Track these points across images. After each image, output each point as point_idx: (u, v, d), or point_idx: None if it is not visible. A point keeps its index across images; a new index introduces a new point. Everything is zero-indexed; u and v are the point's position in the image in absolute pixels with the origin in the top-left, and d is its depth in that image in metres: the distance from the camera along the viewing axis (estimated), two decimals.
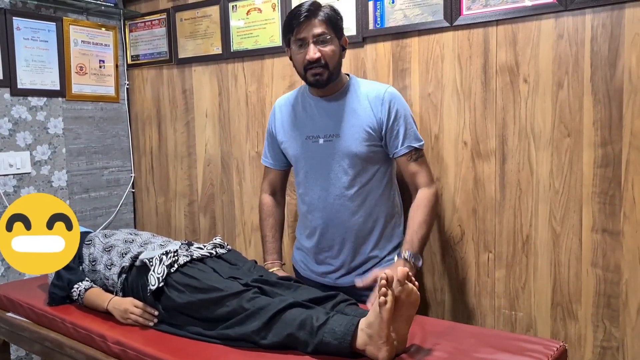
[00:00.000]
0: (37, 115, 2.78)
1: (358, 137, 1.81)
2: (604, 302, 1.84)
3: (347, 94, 1.86)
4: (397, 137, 1.81)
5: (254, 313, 1.53)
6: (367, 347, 1.38)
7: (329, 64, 1.77)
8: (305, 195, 1.94)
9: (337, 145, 1.83)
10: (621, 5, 1.74)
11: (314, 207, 1.92)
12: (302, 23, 1.75)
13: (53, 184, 2.86)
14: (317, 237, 1.93)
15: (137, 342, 1.64)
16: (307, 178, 1.92)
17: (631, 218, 1.77)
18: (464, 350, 1.46)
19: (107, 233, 2.12)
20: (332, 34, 1.77)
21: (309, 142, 1.89)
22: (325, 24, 1.75)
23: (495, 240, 2.04)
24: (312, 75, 1.78)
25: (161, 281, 1.72)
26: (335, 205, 1.86)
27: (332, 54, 1.77)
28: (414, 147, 1.83)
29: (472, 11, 2.00)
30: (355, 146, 1.81)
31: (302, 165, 1.93)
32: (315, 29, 1.74)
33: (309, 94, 1.92)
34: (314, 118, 1.89)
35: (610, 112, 1.78)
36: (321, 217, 1.90)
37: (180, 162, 3.02)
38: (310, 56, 1.74)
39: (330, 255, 1.93)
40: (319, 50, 1.74)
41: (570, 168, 1.86)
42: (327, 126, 1.85)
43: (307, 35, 1.75)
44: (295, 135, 1.93)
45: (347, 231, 1.88)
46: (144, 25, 3.07)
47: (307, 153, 1.90)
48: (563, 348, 1.48)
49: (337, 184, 1.85)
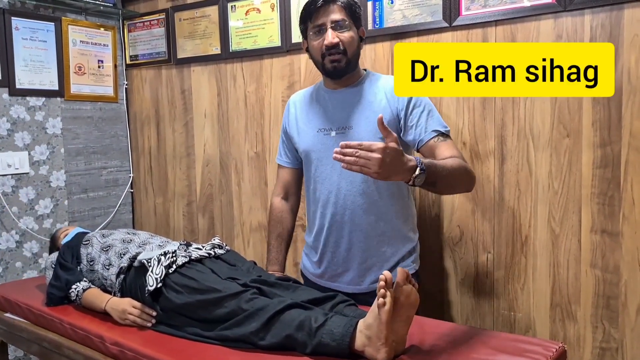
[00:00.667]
0: (35, 115, 2.78)
1: (372, 130, 1.68)
2: (603, 303, 1.84)
3: (362, 86, 1.78)
4: (419, 124, 1.69)
5: (253, 314, 1.53)
6: (366, 348, 1.38)
7: (348, 51, 1.70)
8: (316, 190, 1.84)
9: (351, 138, 1.70)
10: (620, 6, 1.74)
11: (324, 203, 1.81)
12: (320, 8, 1.69)
13: (51, 184, 2.86)
14: (324, 236, 1.83)
15: (135, 343, 1.63)
16: (318, 172, 1.82)
17: (630, 219, 1.77)
18: (462, 351, 1.46)
19: (105, 233, 2.12)
20: (350, 21, 1.71)
21: (321, 135, 1.80)
22: (344, 10, 1.69)
23: (494, 241, 2.03)
24: (330, 62, 1.71)
25: (159, 282, 1.71)
26: (346, 202, 1.76)
27: (351, 40, 1.70)
28: (440, 132, 1.68)
29: (471, 11, 2.00)
30: (369, 139, 1.62)
31: (313, 158, 1.83)
32: (334, 14, 1.68)
33: (324, 87, 1.85)
34: (327, 110, 1.81)
35: (610, 113, 1.78)
36: (331, 214, 1.80)
37: (178, 163, 3.01)
38: (329, 41, 1.68)
39: (338, 256, 1.82)
40: (337, 35, 1.68)
41: (569, 169, 1.86)
42: (340, 118, 1.77)
43: (326, 21, 1.69)
44: (307, 129, 1.84)
45: (357, 230, 1.77)
46: (142, 26, 3.07)
47: (318, 146, 1.80)
48: (562, 349, 1.48)
49: (348, 179, 1.75)
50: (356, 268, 1.80)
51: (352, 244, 1.79)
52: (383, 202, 1.76)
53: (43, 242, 2.81)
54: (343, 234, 1.79)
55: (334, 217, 1.79)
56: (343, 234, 1.79)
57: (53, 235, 2.42)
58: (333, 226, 1.81)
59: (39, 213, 2.81)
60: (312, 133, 1.82)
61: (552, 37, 1.86)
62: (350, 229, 1.78)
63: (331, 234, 1.82)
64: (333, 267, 1.84)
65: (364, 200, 1.75)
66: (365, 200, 1.75)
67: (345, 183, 1.76)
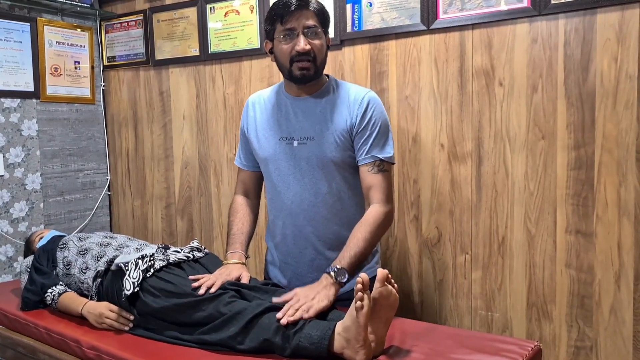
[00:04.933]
0: (10, 117, 2.73)
1: (333, 142, 1.68)
2: (577, 302, 1.87)
3: (325, 95, 1.73)
4: (364, 144, 1.67)
5: (231, 318, 1.52)
6: (345, 350, 1.38)
7: (317, 58, 1.65)
8: (276, 200, 1.79)
9: (312, 149, 1.70)
10: (593, 11, 1.78)
11: (285, 213, 1.77)
12: (294, 12, 1.62)
13: (27, 187, 2.81)
14: (287, 246, 1.79)
15: (112, 347, 1.61)
16: (279, 182, 1.77)
17: (603, 219, 1.80)
18: (440, 351, 1.47)
19: (81, 236, 2.09)
20: (321, 28, 1.67)
21: (282, 144, 1.74)
22: (317, 17, 1.64)
23: (471, 242, 2.06)
24: (299, 69, 1.65)
25: (136, 286, 1.69)
26: (309, 212, 1.73)
27: (321, 48, 1.66)
28: (378, 158, 1.66)
29: (449, 15, 2.02)
30: (330, 151, 1.68)
31: (274, 168, 1.77)
32: (307, 20, 1.62)
33: (285, 92, 1.78)
34: (289, 118, 1.75)
35: (583, 115, 1.81)
36: (292, 224, 1.76)
37: (157, 165, 2.99)
38: (301, 47, 1.61)
39: (303, 266, 1.78)
40: (308, 42, 1.63)
41: (545, 170, 1.89)
42: (303, 128, 1.72)
43: (297, 25, 1.62)
44: (268, 136, 1.77)
45: (320, 240, 1.75)
46: (120, 27, 3.04)
47: (280, 155, 1.75)
48: (538, 348, 1.50)
49: (311, 190, 1.72)
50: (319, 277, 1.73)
51: (317, 253, 1.76)
52: (346, 212, 1.74)
53: (18, 245, 2.77)
54: (307, 244, 1.76)
55: (297, 227, 1.76)
56: (307, 244, 1.76)
57: (28, 239, 2.37)
58: (297, 237, 1.77)
59: (14, 216, 2.76)
60: (274, 141, 1.76)
61: (528, 41, 1.89)
62: (314, 240, 1.75)
63: (294, 245, 1.78)
64: (299, 277, 1.80)
65: (327, 210, 1.73)
66: (328, 210, 1.73)
67: (309, 194, 1.72)
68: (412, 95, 2.12)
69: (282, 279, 1.84)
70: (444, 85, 2.05)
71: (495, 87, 1.96)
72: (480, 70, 1.98)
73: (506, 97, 1.94)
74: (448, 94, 2.05)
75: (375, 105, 1.69)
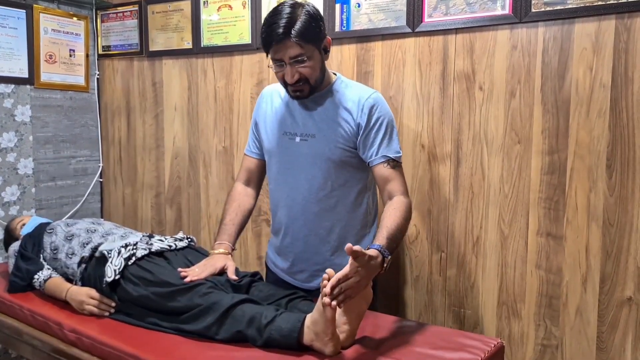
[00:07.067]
0: (4, 102, 2.78)
1: (334, 141, 1.75)
2: (545, 302, 1.93)
3: (330, 95, 1.78)
4: (372, 145, 1.73)
5: (207, 309, 1.58)
6: (314, 342, 1.44)
7: (310, 80, 1.69)
8: (275, 191, 1.90)
9: (313, 146, 1.77)
10: (571, 20, 1.83)
11: (282, 204, 1.87)
12: (277, 45, 1.63)
13: (19, 171, 2.86)
14: (281, 235, 1.89)
15: (92, 331, 1.68)
16: (279, 174, 1.86)
17: (573, 223, 1.86)
18: (406, 344, 1.54)
19: (69, 222, 2.14)
20: (309, 49, 1.65)
21: (286, 139, 1.82)
22: (300, 43, 1.61)
23: (447, 240, 2.11)
24: (293, 92, 1.72)
25: (117, 273, 1.75)
26: (302, 206, 1.81)
27: (311, 71, 1.67)
28: (389, 157, 1.72)
29: (433, 19, 2.06)
30: (329, 149, 1.75)
31: (276, 160, 1.87)
32: (291, 50, 1.62)
33: None
34: (294, 115, 1.82)
35: (558, 122, 1.87)
36: (287, 216, 1.85)
37: (148, 154, 3.04)
38: (289, 79, 1.67)
39: (294, 256, 1.87)
40: (297, 71, 1.65)
41: (519, 174, 1.95)
42: (306, 125, 1.79)
43: (283, 56, 1.64)
44: (273, 129, 1.86)
45: (312, 234, 1.82)
46: (115, 16, 3.08)
47: (282, 149, 1.83)
48: (500, 344, 1.57)
49: (307, 185, 1.79)
50: (310, 269, 1.86)
51: (307, 246, 1.84)
52: (339, 210, 1.80)
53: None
54: (299, 236, 1.84)
55: (291, 219, 1.85)
56: (299, 236, 1.84)
57: (8, 226, 2.41)
58: (290, 228, 1.86)
59: (5, 200, 2.82)
60: (279, 135, 1.84)
61: (508, 47, 1.94)
62: (305, 233, 1.83)
63: (287, 235, 1.87)
64: (290, 264, 1.90)
65: (320, 207, 1.80)
66: (321, 207, 1.80)
67: (303, 190, 1.79)
68: (395, 96, 2.17)
69: (282, 262, 1.93)
70: (426, 88, 2.10)
71: (476, 91, 2.01)
72: (462, 74, 2.03)
73: (485, 101, 1.99)
74: (430, 96, 2.10)
75: (379, 107, 1.75)
